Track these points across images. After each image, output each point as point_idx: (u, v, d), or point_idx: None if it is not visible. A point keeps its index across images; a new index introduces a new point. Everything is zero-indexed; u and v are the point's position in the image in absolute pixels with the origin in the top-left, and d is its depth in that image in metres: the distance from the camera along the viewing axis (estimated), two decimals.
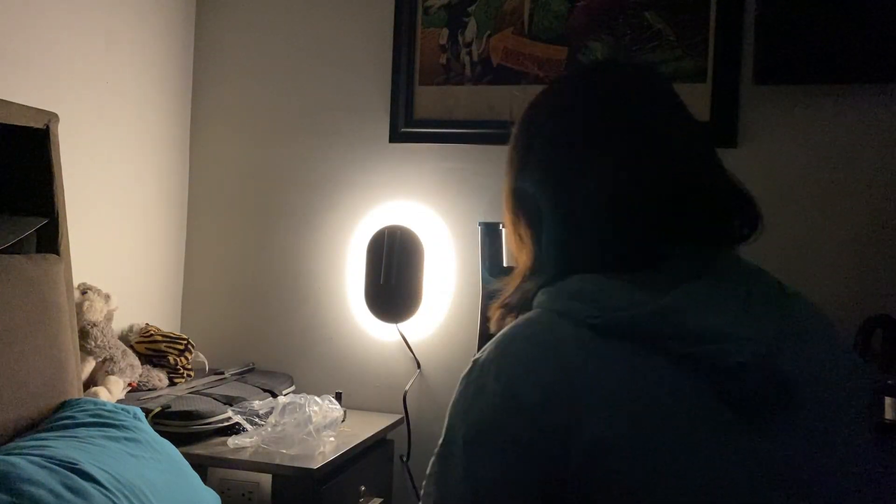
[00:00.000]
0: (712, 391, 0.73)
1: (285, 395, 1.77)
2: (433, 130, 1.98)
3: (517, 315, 0.86)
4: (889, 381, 1.40)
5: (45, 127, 1.48)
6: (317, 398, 1.64)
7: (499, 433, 0.75)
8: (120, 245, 1.95)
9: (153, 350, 1.86)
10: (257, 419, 1.63)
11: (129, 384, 1.72)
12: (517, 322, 0.82)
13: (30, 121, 1.45)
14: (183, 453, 1.38)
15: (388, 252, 1.95)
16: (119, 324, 1.88)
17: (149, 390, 1.75)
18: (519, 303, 0.88)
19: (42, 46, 1.67)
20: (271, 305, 2.11)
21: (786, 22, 1.75)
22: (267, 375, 1.99)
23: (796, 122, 1.78)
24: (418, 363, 1.98)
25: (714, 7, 1.81)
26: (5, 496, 1.00)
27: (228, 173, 2.16)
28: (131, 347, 1.82)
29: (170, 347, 1.87)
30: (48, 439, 1.20)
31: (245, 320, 2.12)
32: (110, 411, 1.32)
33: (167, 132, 2.10)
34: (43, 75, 1.67)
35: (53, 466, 1.09)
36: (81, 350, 1.59)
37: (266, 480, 1.52)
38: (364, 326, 2.03)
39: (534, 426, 0.74)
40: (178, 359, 1.87)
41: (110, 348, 1.69)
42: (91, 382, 1.66)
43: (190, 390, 1.75)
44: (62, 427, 1.25)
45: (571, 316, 0.78)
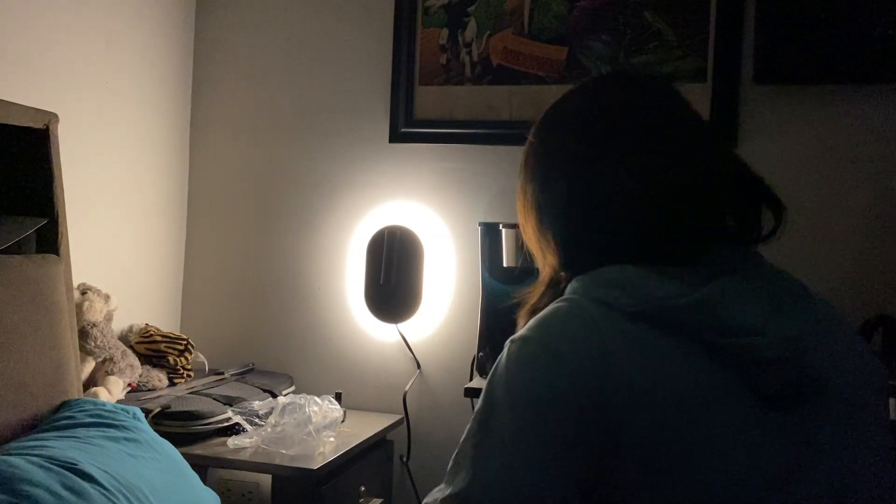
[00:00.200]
0: (742, 383, 0.75)
1: (285, 396, 1.77)
2: (433, 130, 1.98)
3: None
4: (890, 382, 1.39)
5: (45, 127, 1.48)
6: (317, 398, 1.64)
7: (544, 388, 0.76)
8: (120, 245, 1.95)
9: (153, 350, 1.85)
10: (257, 419, 1.63)
11: (129, 384, 1.72)
12: (553, 305, 0.83)
13: (30, 121, 1.45)
14: (183, 454, 1.38)
15: (388, 252, 1.95)
16: (119, 324, 1.88)
17: (148, 391, 1.75)
18: (550, 304, 0.87)
19: (42, 46, 1.67)
20: (271, 306, 2.11)
21: (786, 22, 1.75)
22: (267, 376, 1.99)
23: (796, 122, 1.78)
24: (418, 363, 1.98)
25: (714, 7, 1.81)
26: (5, 496, 1.00)
27: (228, 173, 2.16)
28: (131, 348, 1.82)
29: (169, 348, 1.87)
30: (48, 439, 1.20)
31: (245, 320, 2.12)
32: (110, 411, 1.32)
33: (167, 132, 2.10)
34: (43, 75, 1.67)
35: (53, 467, 1.09)
36: (81, 350, 1.59)
37: (266, 481, 1.52)
38: (364, 326, 2.03)
39: (578, 381, 0.75)
40: (178, 359, 1.87)
41: (110, 349, 1.69)
42: (91, 383, 1.66)
43: (190, 391, 1.75)
44: (62, 427, 1.25)
45: (607, 302, 0.79)
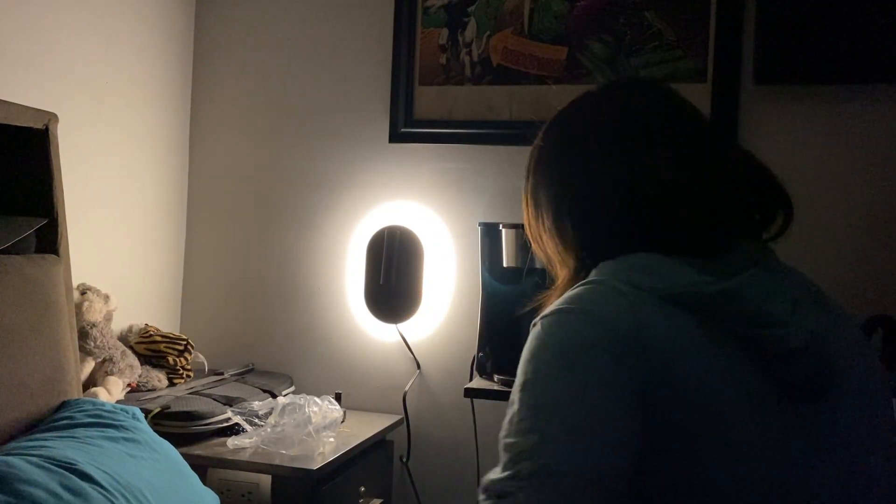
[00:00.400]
0: (764, 372, 0.78)
1: (285, 396, 1.77)
2: (433, 130, 1.98)
3: None
4: (891, 382, 1.39)
5: (45, 127, 1.48)
6: (316, 399, 1.64)
7: (589, 347, 0.77)
8: (119, 245, 1.95)
9: (152, 350, 1.85)
10: (257, 420, 1.63)
11: (129, 385, 1.72)
12: (579, 285, 0.84)
13: (29, 121, 1.45)
14: (182, 454, 1.38)
15: (388, 252, 1.95)
16: (118, 324, 1.88)
17: (148, 391, 1.75)
18: None
19: (42, 46, 1.67)
20: (271, 306, 2.10)
21: (786, 22, 1.75)
22: (266, 376, 1.99)
23: (796, 122, 1.78)
24: (418, 364, 1.98)
25: (714, 7, 1.81)
26: (4, 496, 1.00)
27: (228, 173, 2.15)
28: (131, 348, 1.82)
29: (169, 348, 1.87)
30: (47, 440, 1.20)
31: (244, 321, 2.12)
32: (109, 412, 1.32)
33: (167, 132, 2.10)
34: (43, 75, 1.67)
35: (52, 467, 1.09)
36: (81, 350, 1.59)
37: (266, 481, 1.52)
38: (364, 327, 2.02)
39: (621, 341, 0.76)
40: (178, 359, 1.86)
41: (110, 349, 1.69)
42: (90, 383, 1.66)
43: (189, 391, 1.75)
44: (61, 427, 1.25)
45: (636, 284, 0.81)
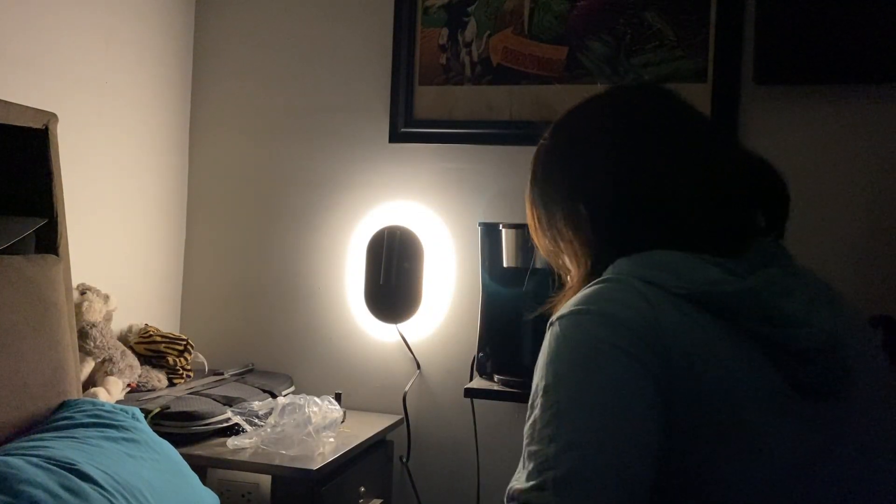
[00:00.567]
0: (778, 370, 0.78)
1: (285, 396, 1.77)
2: (433, 130, 1.98)
3: None
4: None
5: (45, 127, 1.48)
6: (316, 399, 1.64)
7: (608, 348, 0.77)
8: (119, 245, 1.95)
9: (152, 351, 1.85)
10: (257, 420, 1.63)
11: (129, 385, 1.72)
12: (595, 283, 0.84)
13: (29, 121, 1.45)
14: (182, 454, 1.38)
15: (388, 252, 1.95)
16: (118, 324, 1.88)
17: (148, 391, 1.75)
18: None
19: (42, 46, 1.67)
20: (271, 306, 2.10)
21: (786, 22, 1.75)
22: (266, 376, 1.98)
23: (796, 122, 1.78)
24: (418, 364, 1.97)
25: (714, 7, 1.81)
26: (3, 496, 1.00)
27: (228, 173, 2.15)
28: (130, 348, 1.82)
29: (169, 348, 1.87)
30: (46, 440, 1.20)
31: (244, 321, 2.12)
32: (109, 412, 1.32)
33: (167, 132, 2.10)
34: (43, 75, 1.67)
35: (51, 467, 1.08)
36: (80, 351, 1.59)
37: (265, 481, 1.52)
38: (364, 327, 2.02)
39: (639, 340, 0.76)
40: (178, 359, 1.86)
41: (109, 349, 1.69)
42: (90, 383, 1.66)
43: (189, 391, 1.75)
44: (61, 427, 1.25)
45: (653, 281, 0.81)
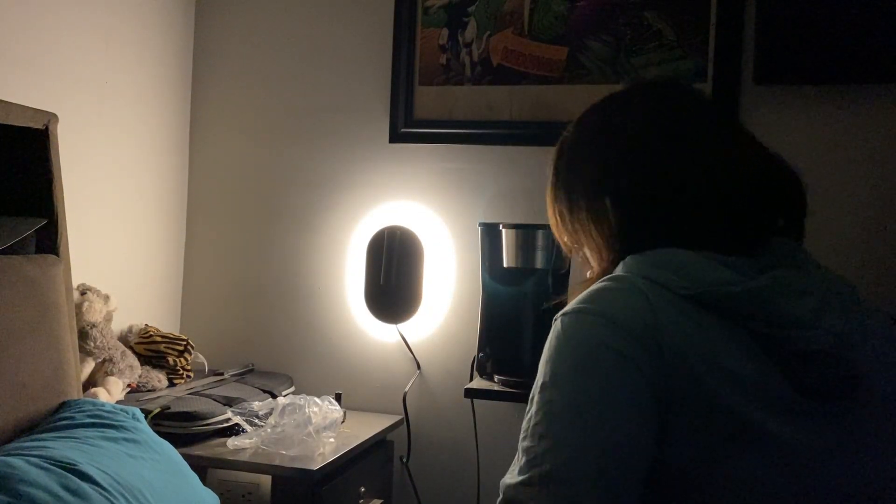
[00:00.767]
0: (783, 372, 0.78)
1: (285, 396, 1.76)
2: (433, 130, 1.98)
3: None
4: None
5: (45, 127, 1.48)
6: (316, 399, 1.64)
7: (604, 350, 0.78)
8: (119, 246, 1.95)
9: (152, 351, 1.85)
10: (257, 420, 1.63)
11: (129, 385, 1.72)
12: (602, 281, 0.85)
13: (29, 121, 1.45)
14: (182, 454, 1.38)
15: (388, 252, 1.95)
16: (118, 324, 1.88)
17: (148, 391, 1.75)
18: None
19: (42, 46, 1.67)
20: (271, 306, 2.10)
21: (786, 22, 1.75)
22: (266, 376, 1.98)
23: (796, 122, 1.78)
24: (418, 364, 1.97)
25: (714, 7, 1.81)
26: (4, 497, 1.00)
27: (228, 174, 2.15)
28: (131, 348, 1.82)
29: (169, 348, 1.87)
30: (47, 440, 1.20)
31: (244, 321, 2.12)
32: (109, 412, 1.31)
33: (167, 132, 2.10)
34: (43, 75, 1.67)
35: (52, 467, 1.08)
36: (81, 351, 1.58)
37: (266, 481, 1.52)
38: (364, 327, 2.02)
39: (637, 343, 0.77)
40: (178, 360, 1.86)
41: (109, 349, 1.69)
42: (90, 383, 1.66)
43: (189, 391, 1.75)
44: (61, 428, 1.25)
45: (659, 281, 0.81)
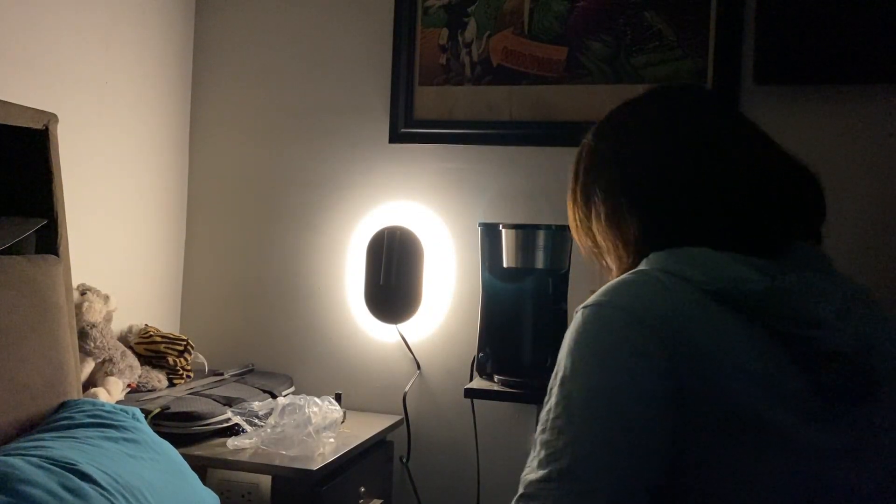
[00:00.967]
0: (803, 372, 0.78)
1: (285, 396, 1.76)
2: (433, 131, 1.98)
3: None
4: None
5: (44, 127, 1.48)
6: (316, 399, 1.64)
7: (623, 345, 0.78)
8: (119, 246, 1.95)
9: (152, 351, 1.85)
10: (257, 420, 1.63)
11: (129, 385, 1.72)
12: (624, 275, 0.86)
13: (29, 121, 1.45)
14: (182, 454, 1.38)
15: (388, 252, 1.95)
16: (118, 325, 1.88)
17: (148, 391, 1.75)
18: None
19: (42, 46, 1.67)
20: (271, 306, 2.10)
21: (786, 22, 1.75)
22: (266, 376, 1.98)
23: (796, 122, 1.78)
24: (418, 364, 1.97)
25: (714, 7, 1.81)
26: (4, 496, 1.00)
27: (228, 174, 2.15)
28: (130, 348, 1.82)
29: (169, 348, 1.86)
30: (46, 440, 1.20)
31: (244, 321, 2.12)
32: (109, 412, 1.31)
33: (167, 133, 2.10)
34: (43, 75, 1.67)
35: (51, 467, 1.08)
36: (80, 351, 1.58)
37: (265, 481, 1.52)
38: (364, 327, 2.02)
39: (656, 337, 0.78)
40: (178, 360, 1.86)
41: (109, 349, 1.69)
42: (90, 383, 1.66)
43: (189, 391, 1.75)
44: (61, 428, 1.25)
45: (681, 275, 0.82)
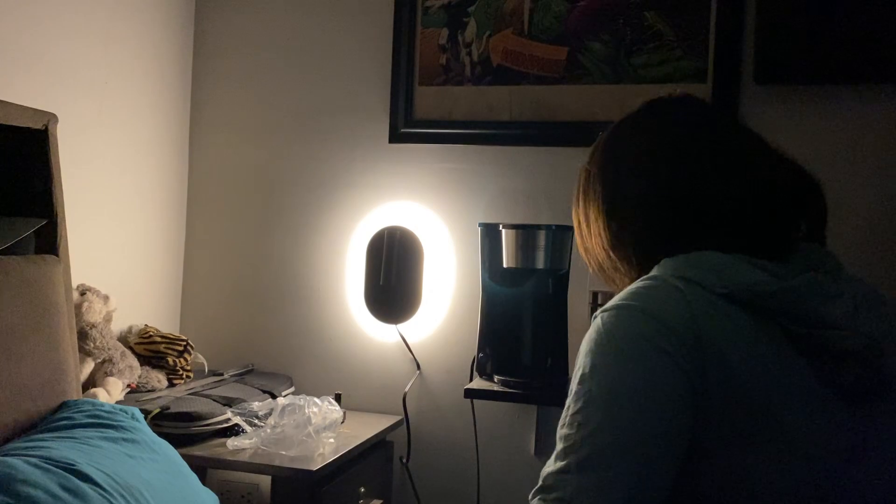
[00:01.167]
0: (816, 371, 0.80)
1: (284, 397, 1.76)
2: (433, 131, 1.98)
3: None
4: None
5: (44, 128, 1.48)
6: (316, 399, 1.64)
7: (643, 342, 0.80)
8: (119, 246, 1.95)
9: (152, 351, 1.85)
10: (256, 420, 1.63)
11: (128, 385, 1.72)
12: (638, 282, 0.87)
13: (28, 121, 1.45)
14: (182, 455, 1.38)
15: (388, 253, 1.95)
16: (118, 325, 1.87)
17: (148, 391, 1.75)
18: None
19: (42, 47, 1.67)
20: (271, 306, 2.10)
21: (786, 22, 1.75)
22: (266, 376, 1.98)
23: (796, 122, 1.77)
24: (418, 364, 1.97)
25: (714, 7, 1.81)
26: (3, 497, 1.00)
27: (228, 174, 2.15)
28: (130, 349, 1.82)
29: (169, 348, 1.86)
30: (46, 440, 1.19)
31: (244, 321, 2.12)
32: (108, 412, 1.31)
33: (166, 133, 2.10)
34: (42, 76, 1.67)
35: (51, 467, 1.08)
36: (80, 351, 1.58)
37: (265, 482, 1.52)
38: (364, 327, 2.02)
39: (674, 337, 0.79)
40: (178, 360, 1.86)
41: (109, 349, 1.69)
42: (90, 384, 1.66)
43: (189, 391, 1.75)
44: (60, 428, 1.25)
45: (695, 280, 0.83)
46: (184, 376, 1.87)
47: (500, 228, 1.75)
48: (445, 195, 1.99)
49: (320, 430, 1.58)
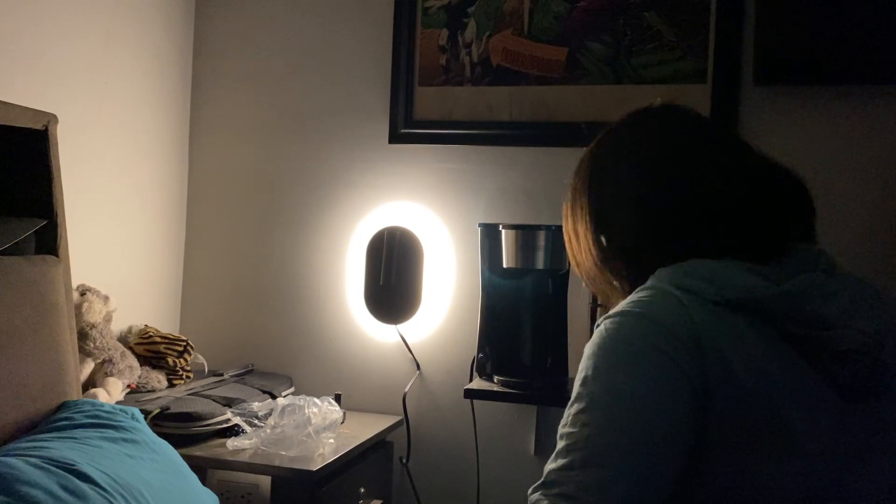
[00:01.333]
0: (817, 372, 0.80)
1: (284, 397, 1.77)
2: (433, 131, 1.98)
3: None
4: None
5: (44, 128, 1.47)
6: (316, 400, 1.64)
7: (646, 346, 0.81)
8: (119, 246, 1.95)
9: (152, 351, 1.85)
10: (256, 421, 1.63)
11: (128, 385, 1.72)
12: (638, 291, 0.88)
13: (28, 122, 1.45)
14: (182, 455, 1.38)
15: (388, 253, 1.95)
16: (118, 325, 1.87)
17: (148, 392, 1.75)
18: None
19: (42, 47, 1.67)
20: (270, 307, 2.10)
21: (786, 22, 1.75)
22: (266, 377, 1.98)
23: (796, 122, 1.77)
24: (418, 364, 1.97)
25: (714, 7, 1.81)
26: (3, 497, 1.00)
27: (227, 174, 2.15)
28: (130, 349, 1.82)
29: (169, 349, 1.86)
30: (46, 440, 1.19)
31: (244, 322, 2.12)
32: (108, 412, 1.31)
33: (166, 133, 2.10)
34: (42, 76, 1.67)
35: (51, 467, 1.08)
36: (80, 351, 1.58)
37: (265, 482, 1.52)
38: (363, 328, 2.02)
39: (675, 340, 0.80)
40: (178, 360, 1.86)
41: (109, 350, 1.69)
42: (90, 384, 1.66)
43: (189, 392, 1.75)
44: (60, 428, 1.25)
45: (692, 290, 0.84)
46: (184, 377, 1.87)
47: (500, 229, 1.75)
48: (445, 195, 1.99)
49: (320, 431, 1.58)
